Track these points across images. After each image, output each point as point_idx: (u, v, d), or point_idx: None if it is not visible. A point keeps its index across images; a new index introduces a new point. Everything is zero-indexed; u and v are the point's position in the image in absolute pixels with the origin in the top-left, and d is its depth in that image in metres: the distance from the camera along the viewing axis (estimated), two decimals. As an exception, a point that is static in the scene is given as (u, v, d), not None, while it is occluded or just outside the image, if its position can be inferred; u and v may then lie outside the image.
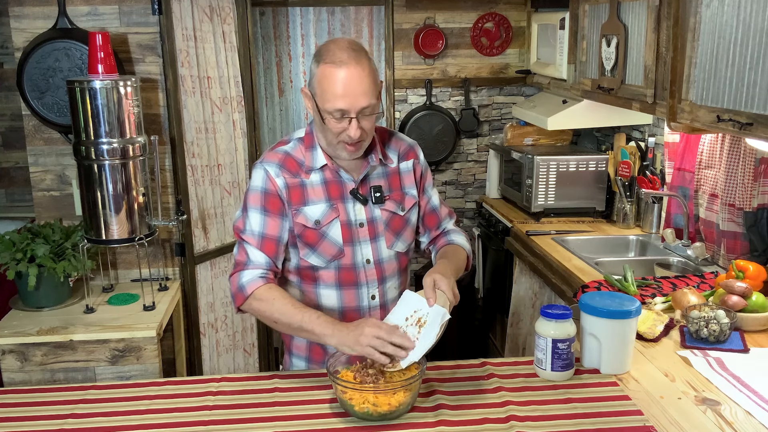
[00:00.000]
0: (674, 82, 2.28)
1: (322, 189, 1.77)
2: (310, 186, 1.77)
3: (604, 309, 1.70)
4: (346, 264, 1.79)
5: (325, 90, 1.64)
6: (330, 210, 1.77)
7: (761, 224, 2.41)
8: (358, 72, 1.63)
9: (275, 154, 1.79)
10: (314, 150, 1.78)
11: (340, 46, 1.65)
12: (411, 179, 1.89)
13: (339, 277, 1.81)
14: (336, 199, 1.78)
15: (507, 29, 3.89)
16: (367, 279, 1.82)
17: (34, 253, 2.49)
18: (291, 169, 1.77)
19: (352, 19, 3.88)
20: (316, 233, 1.76)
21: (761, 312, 2.01)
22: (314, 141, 1.78)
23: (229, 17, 3.02)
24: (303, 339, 1.84)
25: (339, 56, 1.63)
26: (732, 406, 1.59)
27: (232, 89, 3.07)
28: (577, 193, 3.35)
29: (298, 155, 1.78)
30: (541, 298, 2.91)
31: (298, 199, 1.76)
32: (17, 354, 2.43)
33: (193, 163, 2.87)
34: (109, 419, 1.59)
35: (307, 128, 1.82)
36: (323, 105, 1.66)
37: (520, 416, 1.54)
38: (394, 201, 1.84)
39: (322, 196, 1.77)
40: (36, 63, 2.59)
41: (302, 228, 1.76)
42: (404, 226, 1.87)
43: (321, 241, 1.77)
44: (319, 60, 1.66)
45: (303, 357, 1.90)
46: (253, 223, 1.75)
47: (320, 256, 1.78)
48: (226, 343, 3.13)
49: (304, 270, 1.81)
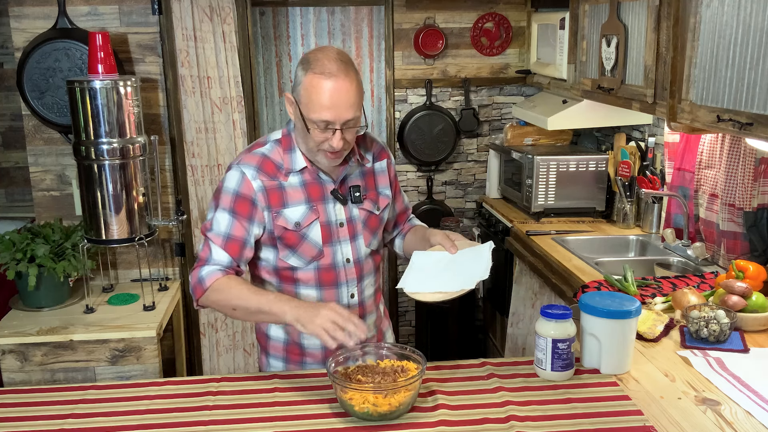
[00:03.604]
0: (674, 82, 2.28)
1: (301, 191, 1.77)
2: (290, 188, 1.76)
3: (604, 309, 1.70)
4: (326, 264, 1.81)
5: (312, 100, 1.64)
6: (310, 212, 1.77)
7: (761, 224, 2.41)
8: (345, 85, 1.63)
9: (253, 156, 1.77)
10: (293, 152, 1.77)
11: (329, 57, 1.65)
12: (385, 179, 1.92)
13: (319, 277, 1.81)
14: (316, 200, 1.78)
15: (507, 29, 3.89)
16: (347, 278, 1.84)
17: (34, 253, 2.49)
18: (269, 172, 1.75)
19: (352, 19, 3.88)
20: (297, 235, 1.77)
21: (761, 312, 2.01)
22: (293, 143, 1.78)
23: (229, 17, 3.03)
24: (280, 340, 1.87)
25: (328, 67, 1.63)
26: (732, 406, 1.59)
27: (232, 89, 3.07)
28: (577, 193, 3.35)
29: (275, 157, 1.77)
30: (541, 298, 2.91)
31: (277, 201, 1.75)
32: (17, 354, 2.43)
33: (193, 163, 2.87)
34: (109, 419, 1.59)
35: (284, 130, 1.81)
36: (308, 114, 1.65)
37: (520, 416, 1.54)
38: (371, 200, 1.87)
39: (301, 198, 1.77)
40: (36, 63, 2.59)
41: (282, 230, 1.76)
42: (379, 225, 1.91)
43: (301, 243, 1.77)
44: (307, 68, 1.65)
45: (280, 357, 1.90)
46: (221, 223, 1.74)
47: (300, 257, 1.79)
48: (226, 343, 3.14)
49: (282, 271, 1.81)
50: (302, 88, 1.66)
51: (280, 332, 1.88)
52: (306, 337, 1.85)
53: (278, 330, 1.88)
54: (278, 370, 1.88)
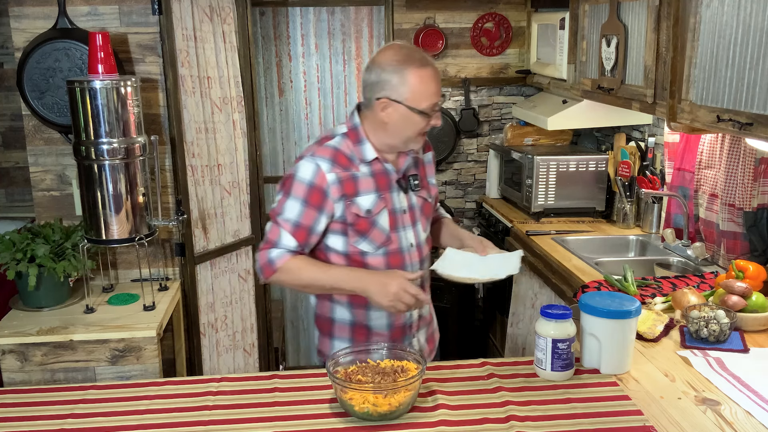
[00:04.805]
0: (674, 82, 2.28)
1: (371, 180, 1.89)
2: (362, 177, 1.88)
3: (604, 309, 1.70)
4: (394, 249, 1.93)
5: (421, 91, 1.80)
6: (379, 200, 1.89)
7: (761, 224, 2.41)
8: (435, 68, 1.85)
9: (325, 149, 1.88)
10: (363, 145, 1.90)
11: (411, 50, 1.84)
12: (432, 170, 2.10)
13: (387, 262, 1.92)
14: (383, 189, 1.91)
15: (507, 29, 3.89)
16: (411, 261, 1.96)
17: (34, 253, 2.49)
18: (342, 163, 1.87)
19: (352, 19, 3.88)
20: (368, 221, 1.88)
21: (761, 312, 2.01)
22: (361, 136, 1.90)
23: (229, 17, 3.02)
24: (346, 322, 1.96)
25: (419, 58, 1.81)
26: (732, 406, 1.59)
27: (232, 89, 3.07)
28: (577, 193, 3.35)
29: (345, 150, 1.89)
30: (541, 298, 2.91)
31: (350, 190, 1.86)
32: (17, 354, 2.43)
33: (193, 163, 2.87)
34: (109, 419, 1.59)
35: (349, 124, 1.93)
36: (419, 105, 1.81)
37: (520, 416, 1.54)
38: (424, 189, 2.03)
39: (371, 187, 1.89)
40: (36, 63, 2.59)
41: (355, 217, 1.87)
42: (431, 212, 2.08)
43: (372, 229, 1.89)
44: (403, 66, 1.79)
45: (347, 339, 1.98)
46: (292, 210, 1.85)
47: (371, 242, 1.90)
48: (226, 343, 3.14)
49: (353, 256, 1.91)
50: (407, 86, 1.79)
51: (345, 314, 1.96)
52: (373, 318, 1.95)
53: (344, 312, 1.96)
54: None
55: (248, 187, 3.18)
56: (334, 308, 1.97)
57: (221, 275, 3.08)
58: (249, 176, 3.17)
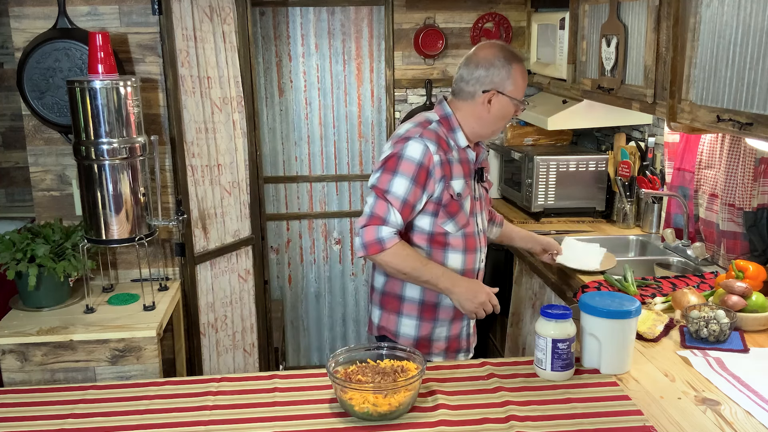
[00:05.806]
0: (674, 82, 2.28)
1: (461, 166, 2.03)
2: (455, 162, 2.01)
3: (604, 309, 1.70)
4: (470, 232, 2.07)
5: (521, 84, 2.01)
6: (465, 185, 2.03)
7: (761, 224, 2.41)
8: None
9: (430, 132, 1.99)
10: (456, 132, 2.04)
11: (509, 47, 2.02)
12: (488, 165, 2.23)
13: (465, 243, 2.06)
14: (467, 176, 2.05)
15: (507, 29, 3.89)
16: (480, 245, 2.12)
17: (34, 253, 2.49)
18: (444, 147, 2.00)
19: (352, 19, 3.88)
20: (457, 204, 2.01)
21: (761, 312, 2.01)
22: (453, 124, 2.04)
23: (229, 17, 3.02)
24: (415, 300, 2.07)
25: (519, 55, 2.02)
26: (732, 406, 1.59)
27: (232, 89, 3.07)
28: (577, 193, 3.35)
29: (443, 135, 2.01)
30: (541, 298, 2.91)
31: (448, 172, 1.99)
32: (17, 354, 2.43)
33: (193, 163, 2.87)
34: (108, 419, 1.59)
35: (440, 111, 2.05)
36: (519, 96, 2.02)
37: (520, 416, 1.54)
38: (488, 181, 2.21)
39: (461, 172, 2.02)
40: (36, 63, 2.59)
41: (449, 198, 1.99)
42: (489, 204, 2.27)
43: (459, 212, 2.02)
44: (510, 62, 1.98)
45: (414, 316, 2.08)
46: (400, 187, 1.94)
47: (456, 224, 2.02)
48: (226, 343, 3.14)
49: (437, 236, 2.03)
50: (511, 79, 1.98)
51: (415, 293, 2.07)
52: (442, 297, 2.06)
53: (414, 291, 2.06)
54: (410, 329, 2.09)
55: (248, 187, 3.18)
56: (404, 286, 2.07)
57: (221, 275, 3.08)
58: (249, 176, 3.17)
